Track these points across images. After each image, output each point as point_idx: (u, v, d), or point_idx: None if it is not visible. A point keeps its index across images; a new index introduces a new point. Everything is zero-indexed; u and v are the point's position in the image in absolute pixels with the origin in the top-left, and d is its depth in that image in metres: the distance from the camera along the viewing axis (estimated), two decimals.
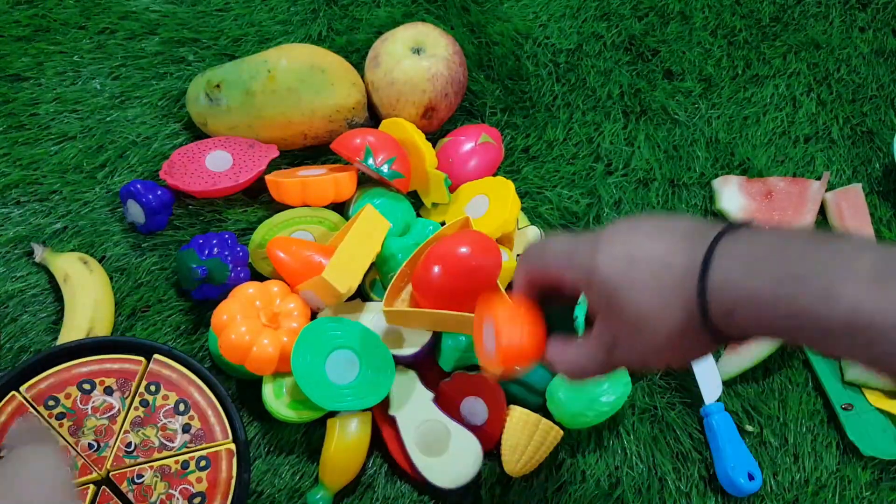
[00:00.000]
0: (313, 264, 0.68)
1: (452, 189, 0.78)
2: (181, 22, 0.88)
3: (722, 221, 0.43)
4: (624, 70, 0.91)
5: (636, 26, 0.93)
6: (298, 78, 0.76)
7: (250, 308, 0.66)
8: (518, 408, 0.67)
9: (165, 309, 0.73)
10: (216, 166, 0.75)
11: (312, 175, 0.74)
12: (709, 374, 0.72)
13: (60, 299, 0.72)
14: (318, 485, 0.66)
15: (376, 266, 0.72)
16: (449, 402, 0.68)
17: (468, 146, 0.79)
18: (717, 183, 0.83)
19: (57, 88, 0.83)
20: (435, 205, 0.78)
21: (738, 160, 0.86)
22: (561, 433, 0.67)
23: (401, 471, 0.68)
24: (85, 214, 0.77)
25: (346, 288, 0.66)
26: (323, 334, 0.65)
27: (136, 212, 0.74)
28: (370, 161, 0.73)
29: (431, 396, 0.67)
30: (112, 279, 0.74)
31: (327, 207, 0.75)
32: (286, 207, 0.74)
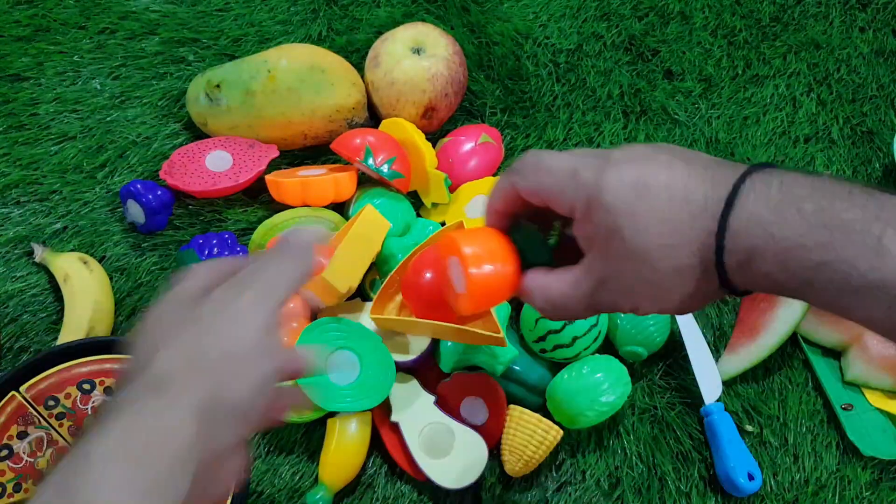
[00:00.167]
0: None
1: (452, 189, 0.78)
2: (181, 22, 0.88)
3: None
4: (624, 70, 0.91)
5: (636, 26, 0.93)
6: (298, 78, 0.76)
7: None
8: (518, 408, 0.67)
9: None
10: (216, 166, 0.75)
11: (312, 175, 0.74)
12: (709, 374, 0.72)
13: (60, 299, 0.72)
14: (318, 485, 0.66)
15: (376, 266, 0.72)
16: (449, 403, 0.68)
17: (468, 146, 0.79)
18: None
19: (57, 88, 0.83)
20: (435, 205, 0.78)
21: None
22: (561, 433, 0.67)
23: (401, 471, 0.68)
24: (85, 214, 0.77)
25: (346, 288, 0.66)
26: (324, 334, 0.65)
27: (136, 212, 0.74)
28: (370, 161, 0.73)
29: (433, 399, 0.67)
30: (112, 279, 0.74)
31: (327, 207, 0.75)
32: (286, 207, 0.74)
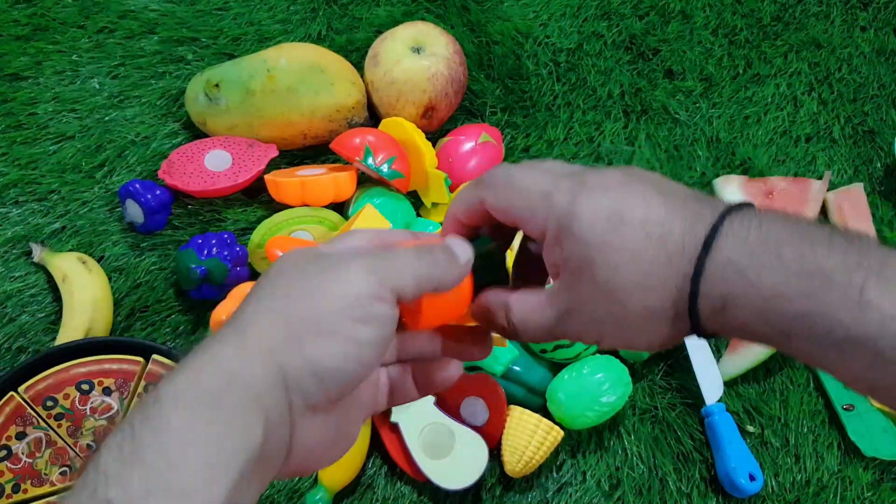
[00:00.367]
0: None
1: (452, 189, 0.78)
2: (180, 21, 0.88)
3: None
4: (624, 69, 0.90)
5: (637, 25, 0.93)
6: (298, 77, 0.75)
7: None
8: (518, 408, 0.67)
9: (164, 309, 0.73)
10: (215, 166, 0.75)
11: (312, 175, 0.74)
12: (710, 375, 0.72)
13: (59, 299, 0.72)
14: (318, 485, 0.66)
15: None
16: (449, 403, 0.68)
17: (468, 146, 0.79)
18: (718, 182, 0.83)
19: (55, 88, 0.83)
20: (435, 205, 0.78)
21: (739, 160, 0.86)
22: (561, 434, 0.67)
23: (401, 471, 0.68)
24: (83, 214, 0.77)
25: None
26: None
27: (135, 211, 0.74)
28: (370, 161, 0.73)
29: (433, 399, 0.67)
30: (111, 279, 0.73)
31: (327, 207, 0.74)
32: (285, 207, 0.74)
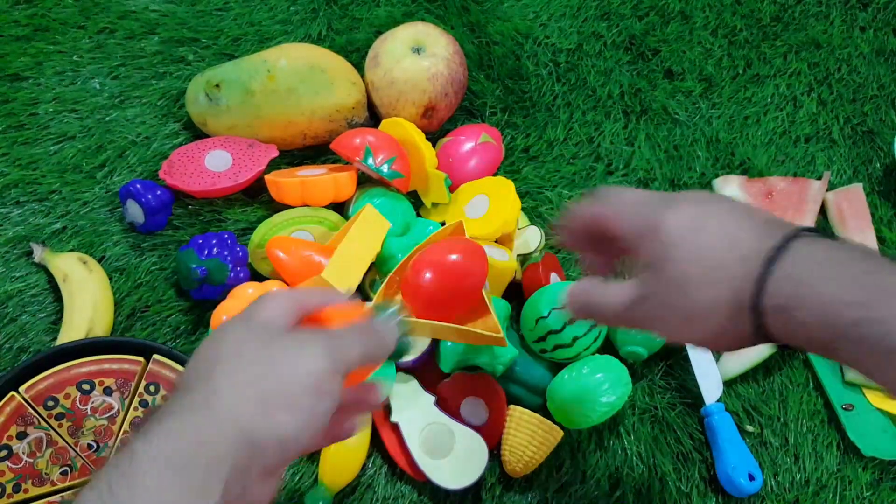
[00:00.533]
0: (313, 264, 0.68)
1: (452, 189, 0.78)
2: (181, 21, 0.88)
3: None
4: (624, 70, 0.90)
5: (636, 26, 0.93)
6: (298, 78, 0.76)
7: None
8: (518, 408, 0.67)
9: (165, 309, 0.73)
10: (216, 166, 0.75)
11: (312, 175, 0.74)
12: (709, 375, 0.72)
13: (59, 299, 0.72)
14: (318, 485, 0.66)
15: (376, 266, 0.72)
16: (449, 403, 0.68)
17: (468, 146, 0.79)
18: (718, 183, 0.83)
19: (56, 88, 0.83)
20: (435, 205, 0.78)
21: (739, 160, 0.86)
22: (561, 433, 0.67)
23: (401, 471, 0.68)
24: (84, 214, 0.77)
25: (346, 288, 0.66)
26: None
27: (136, 212, 0.74)
28: (370, 161, 0.73)
29: (433, 400, 0.67)
30: (111, 279, 0.73)
31: (327, 207, 0.74)
32: (286, 207, 0.74)
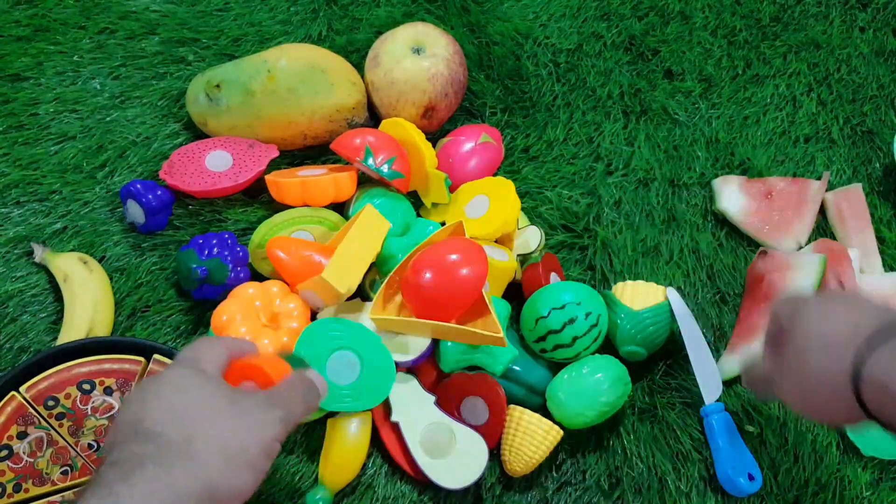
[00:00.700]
0: (313, 264, 0.68)
1: (452, 189, 0.78)
2: (181, 22, 0.88)
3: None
4: (624, 70, 0.90)
5: (636, 26, 0.93)
6: (298, 78, 0.76)
7: (250, 308, 0.66)
8: (518, 408, 0.67)
9: (165, 309, 0.73)
10: (216, 166, 0.75)
11: (312, 175, 0.74)
12: (709, 375, 0.72)
13: (60, 299, 0.72)
14: (318, 485, 0.66)
15: (376, 266, 0.72)
16: (449, 403, 0.68)
17: (468, 146, 0.79)
18: (718, 183, 0.83)
19: (57, 88, 0.83)
20: (435, 205, 0.78)
21: (739, 160, 0.86)
22: (561, 433, 0.67)
23: (401, 471, 0.68)
24: (85, 214, 0.77)
25: (346, 288, 0.66)
26: (324, 335, 0.65)
27: (136, 212, 0.74)
28: (370, 161, 0.73)
29: (433, 399, 0.67)
30: (112, 279, 0.73)
31: (327, 207, 0.75)
32: (286, 207, 0.74)
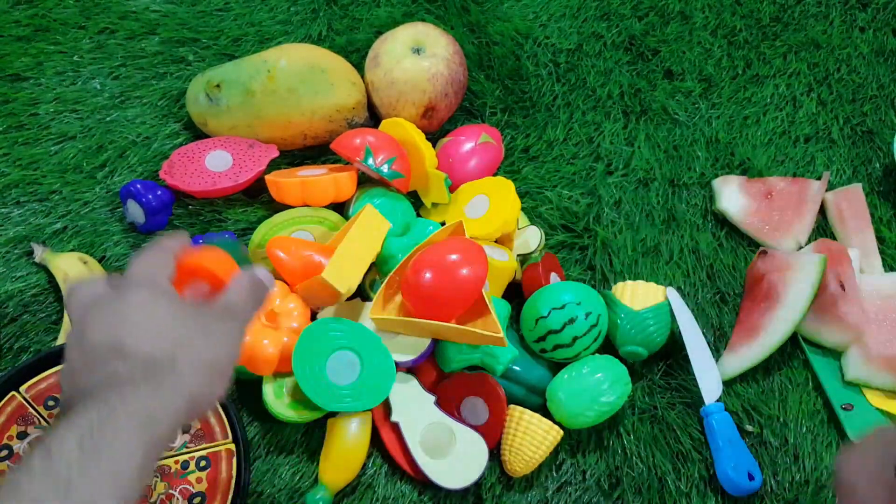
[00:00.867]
0: (313, 264, 0.68)
1: (452, 189, 0.78)
2: (181, 22, 0.88)
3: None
4: (624, 70, 0.90)
5: (636, 26, 0.93)
6: (298, 78, 0.76)
7: None
8: (518, 408, 0.67)
9: None
10: (216, 166, 0.75)
11: (312, 175, 0.74)
12: (709, 375, 0.72)
13: (60, 299, 0.72)
14: (318, 485, 0.66)
15: (376, 266, 0.72)
16: (449, 403, 0.68)
17: (468, 146, 0.79)
18: (718, 183, 0.83)
19: (57, 88, 0.83)
20: (435, 205, 0.78)
21: (739, 160, 0.86)
22: (561, 433, 0.67)
23: (401, 471, 0.68)
24: (85, 214, 0.77)
25: (347, 288, 0.66)
26: (325, 335, 0.65)
27: (136, 212, 0.74)
28: (370, 161, 0.73)
29: (433, 399, 0.67)
30: None
31: (327, 207, 0.75)
32: (286, 207, 0.74)
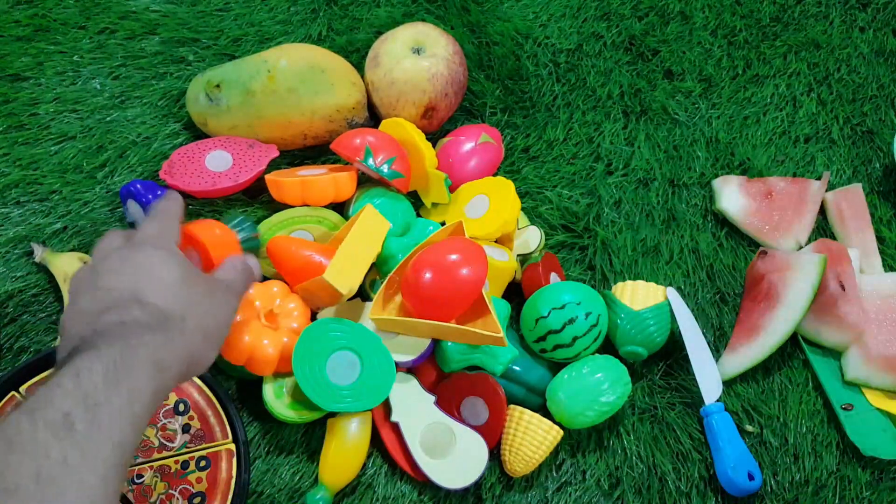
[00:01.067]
0: (313, 264, 0.68)
1: (452, 189, 0.78)
2: (181, 22, 0.88)
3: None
4: (624, 70, 0.91)
5: (636, 26, 0.93)
6: (298, 78, 0.76)
7: (250, 308, 0.66)
8: (518, 408, 0.67)
9: None
10: (216, 166, 0.75)
11: (312, 175, 0.74)
12: (709, 374, 0.72)
13: (60, 299, 0.72)
14: (318, 485, 0.66)
15: (376, 266, 0.72)
16: (449, 403, 0.68)
17: (468, 146, 0.79)
18: (718, 183, 0.83)
19: (57, 88, 0.83)
20: (435, 205, 0.78)
21: (739, 160, 0.86)
22: (561, 433, 0.67)
23: (401, 471, 0.68)
24: (85, 214, 0.77)
25: (347, 289, 0.66)
26: (325, 335, 0.65)
27: (136, 212, 0.74)
28: (370, 161, 0.73)
29: (433, 399, 0.67)
30: None
31: (327, 207, 0.75)
32: (286, 207, 0.74)
